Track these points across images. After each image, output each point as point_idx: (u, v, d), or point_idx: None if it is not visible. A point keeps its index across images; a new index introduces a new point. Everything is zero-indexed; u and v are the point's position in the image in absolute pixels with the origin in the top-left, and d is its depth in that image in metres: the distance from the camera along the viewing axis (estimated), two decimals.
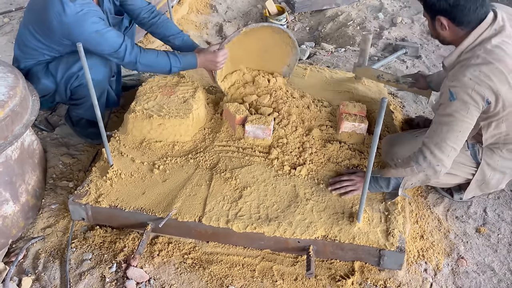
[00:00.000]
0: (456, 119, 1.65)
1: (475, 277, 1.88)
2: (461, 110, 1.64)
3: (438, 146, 1.69)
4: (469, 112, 1.64)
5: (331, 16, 4.30)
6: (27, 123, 1.88)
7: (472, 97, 1.63)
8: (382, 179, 1.91)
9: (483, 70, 1.62)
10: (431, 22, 1.75)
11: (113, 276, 1.78)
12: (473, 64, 1.63)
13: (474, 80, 1.62)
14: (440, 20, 1.69)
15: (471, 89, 1.62)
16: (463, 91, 1.63)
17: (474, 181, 1.96)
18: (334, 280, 1.80)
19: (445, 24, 1.69)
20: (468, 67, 1.64)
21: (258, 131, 2.17)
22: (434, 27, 1.76)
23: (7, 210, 1.86)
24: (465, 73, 1.63)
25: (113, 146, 2.17)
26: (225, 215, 1.86)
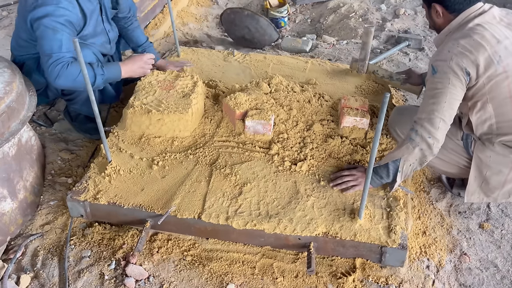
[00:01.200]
0: (440, 90, 1.71)
1: (478, 273, 1.86)
2: (443, 80, 1.70)
3: (427, 119, 1.74)
4: (450, 82, 1.69)
5: (333, 8, 4.25)
6: (24, 119, 1.86)
7: (451, 68, 1.69)
8: (381, 168, 1.87)
9: (461, 43, 1.69)
10: (428, 11, 1.85)
11: (112, 273, 1.77)
12: (453, 39, 1.73)
13: (452, 51, 1.69)
14: (436, 8, 1.79)
15: (449, 60, 1.69)
16: (442, 63, 1.71)
17: (472, 179, 1.90)
18: (335, 277, 1.78)
19: (439, 11, 1.79)
20: (448, 41, 1.74)
21: (258, 126, 2.14)
22: (430, 15, 1.85)
23: (5, 207, 1.85)
24: (444, 47, 1.73)
25: (112, 142, 2.15)
26: (225, 211, 1.84)
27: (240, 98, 2.23)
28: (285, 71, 2.80)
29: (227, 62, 2.91)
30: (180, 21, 3.94)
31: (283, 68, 2.83)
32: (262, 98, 2.27)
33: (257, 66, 2.86)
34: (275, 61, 2.92)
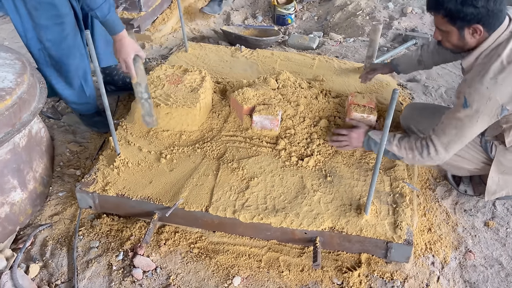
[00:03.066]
0: (465, 125, 1.70)
1: (482, 270, 1.87)
2: (472, 118, 1.67)
3: (444, 146, 1.78)
4: (479, 121, 1.67)
5: (340, 5, 4.25)
6: (34, 110, 1.88)
7: (487, 106, 1.63)
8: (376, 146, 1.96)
9: (500, 77, 1.60)
10: (458, 33, 1.68)
11: (120, 264, 1.79)
12: (491, 72, 1.62)
13: (491, 88, 1.60)
14: (476, 28, 1.64)
15: (486, 99, 1.62)
16: (477, 100, 1.63)
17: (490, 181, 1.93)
18: (341, 271, 1.79)
19: (480, 30, 1.64)
20: (485, 75, 1.62)
21: (266, 122, 2.16)
22: (461, 37, 1.69)
23: (15, 197, 1.87)
24: (482, 81, 1.62)
25: (120, 135, 2.17)
26: (232, 205, 1.85)
27: (248, 94, 2.24)
28: (292, 67, 2.81)
29: (234, 58, 2.92)
30: (187, 16, 3.95)
31: (291, 65, 2.84)
32: (269, 94, 2.28)
33: (264, 62, 2.88)
34: (282, 57, 2.93)
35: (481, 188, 2.14)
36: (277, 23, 4.09)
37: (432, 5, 1.69)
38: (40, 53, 2.17)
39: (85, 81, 2.34)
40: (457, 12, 1.61)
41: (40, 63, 2.21)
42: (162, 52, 3.44)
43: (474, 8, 1.58)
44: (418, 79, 3.06)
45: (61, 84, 2.30)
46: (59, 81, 2.29)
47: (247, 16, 4.23)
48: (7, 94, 1.74)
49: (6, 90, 1.75)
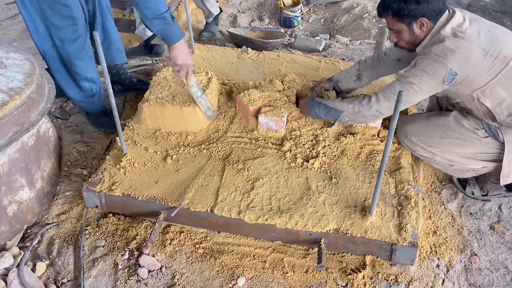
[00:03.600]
0: (409, 81, 1.87)
1: (488, 274, 1.86)
2: (417, 76, 1.85)
3: (386, 96, 1.94)
4: (422, 80, 1.84)
5: (346, 8, 4.25)
6: (43, 110, 1.90)
7: (434, 68, 1.81)
8: (323, 107, 2.08)
9: (447, 45, 1.80)
10: (408, 29, 1.90)
11: (125, 263, 1.80)
12: (437, 42, 1.83)
13: (439, 53, 1.80)
14: (422, 21, 1.85)
15: (434, 61, 1.81)
16: (425, 62, 1.83)
17: (506, 163, 1.96)
18: (345, 273, 1.79)
19: (426, 22, 1.86)
20: (433, 45, 1.84)
21: (271, 123, 2.16)
22: (412, 31, 1.90)
23: (22, 196, 1.89)
24: (431, 49, 1.83)
25: (127, 135, 2.19)
26: (237, 206, 1.86)
27: (254, 95, 2.25)
28: (298, 69, 2.82)
29: (240, 60, 2.93)
30: (194, 18, 3.98)
31: (296, 67, 2.85)
32: (275, 96, 2.29)
33: (270, 64, 2.89)
34: (288, 59, 2.94)
35: (489, 185, 2.14)
36: (284, 26, 4.10)
37: (381, 9, 1.92)
38: (50, 51, 2.21)
39: (92, 81, 2.37)
40: (402, 10, 1.83)
41: (49, 61, 2.25)
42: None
43: (415, 3, 1.81)
44: None
45: (69, 83, 2.34)
46: (67, 80, 2.32)
47: (253, 18, 4.25)
48: (16, 94, 1.76)
49: (16, 90, 1.78)
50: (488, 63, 1.79)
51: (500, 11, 4.29)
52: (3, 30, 3.70)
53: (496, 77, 1.81)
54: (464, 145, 2.00)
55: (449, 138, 2.02)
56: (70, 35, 2.16)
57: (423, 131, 2.05)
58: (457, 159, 2.04)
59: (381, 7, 1.91)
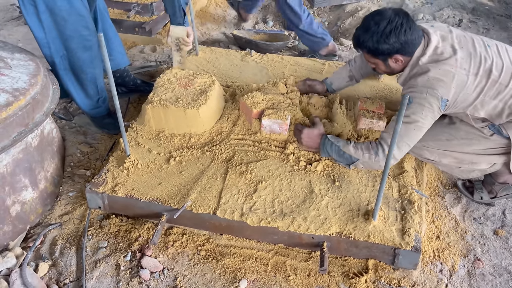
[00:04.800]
0: (412, 120, 1.85)
1: (491, 279, 1.85)
2: (417, 112, 1.84)
3: (398, 146, 1.88)
4: (423, 114, 1.84)
5: (350, 11, 4.25)
6: (47, 111, 1.91)
7: (427, 100, 1.82)
8: (336, 149, 2.01)
9: (431, 75, 1.82)
10: (383, 63, 1.96)
11: (127, 264, 1.80)
12: (420, 73, 1.86)
13: (426, 85, 1.82)
14: (396, 58, 1.90)
15: (425, 93, 1.82)
16: (418, 95, 1.84)
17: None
18: (348, 277, 1.79)
19: (400, 59, 1.90)
20: (418, 77, 1.86)
21: (275, 126, 2.16)
22: (387, 65, 1.96)
23: (26, 196, 1.90)
24: (417, 82, 1.86)
25: (130, 136, 2.19)
26: (240, 208, 1.86)
27: (257, 97, 2.26)
28: (302, 72, 2.82)
29: (244, 62, 2.94)
30: (198, 20, 3.98)
31: (300, 69, 2.85)
32: (278, 98, 2.29)
33: (274, 67, 2.89)
34: (292, 62, 2.94)
35: (497, 187, 2.13)
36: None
37: (355, 44, 1.97)
38: (60, 60, 2.23)
39: (100, 88, 2.39)
40: (375, 49, 1.88)
41: (59, 70, 2.26)
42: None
43: (388, 44, 1.85)
44: None
45: (78, 90, 2.36)
46: (76, 87, 2.34)
47: (257, 20, 4.25)
48: (21, 94, 1.77)
49: (20, 91, 1.79)
50: (472, 82, 1.83)
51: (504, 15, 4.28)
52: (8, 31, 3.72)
53: (483, 91, 1.84)
54: (471, 143, 2.00)
55: (456, 139, 2.02)
56: (82, 44, 2.19)
57: (428, 136, 2.04)
58: (466, 158, 2.03)
59: (355, 42, 1.96)
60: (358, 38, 1.92)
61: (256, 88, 2.44)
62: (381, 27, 1.83)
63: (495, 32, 3.96)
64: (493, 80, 1.83)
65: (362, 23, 1.92)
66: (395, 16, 1.83)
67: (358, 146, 1.97)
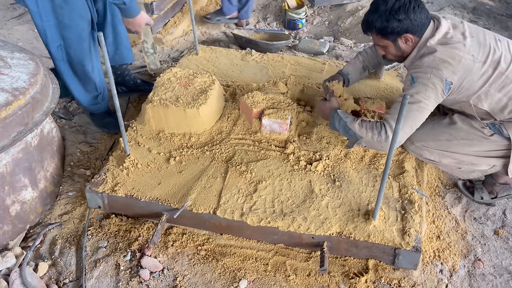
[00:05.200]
0: (415, 100, 1.84)
1: (491, 279, 1.84)
2: (420, 91, 1.84)
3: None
4: (427, 94, 1.83)
5: (351, 10, 4.24)
6: (47, 110, 1.90)
7: (431, 80, 1.81)
8: (343, 124, 2.01)
9: (437, 56, 1.82)
10: (393, 45, 1.93)
11: (127, 264, 1.80)
12: (427, 54, 1.85)
13: (431, 65, 1.82)
14: (406, 37, 1.88)
15: (429, 73, 1.82)
16: (422, 75, 1.84)
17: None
18: (348, 277, 1.78)
19: (410, 37, 1.89)
20: (423, 57, 1.86)
21: (275, 125, 2.16)
22: (397, 47, 1.94)
23: (25, 195, 1.89)
24: (422, 62, 1.85)
25: (130, 136, 2.19)
26: (240, 208, 1.86)
27: (257, 97, 2.25)
28: (302, 71, 2.81)
29: (244, 62, 2.93)
30: (199, 20, 3.97)
31: (300, 69, 2.85)
32: (279, 98, 2.29)
33: (274, 66, 2.88)
34: (292, 61, 2.94)
35: (497, 187, 2.13)
36: (288, 28, 4.10)
37: (365, 27, 1.96)
38: (58, 50, 2.23)
39: (99, 82, 2.38)
40: (385, 28, 1.86)
41: (56, 60, 2.27)
42: (173, 54, 3.46)
43: (397, 21, 1.83)
44: None
45: (75, 82, 2.35)
46: (74, 80, 2.34)
47: (258, 20, 4.24)
48: (21, 93, 1.77)
49: (20, 90, 1.78)
50: (478, 69, 1.82)
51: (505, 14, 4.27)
52: (8, 30, 3.72)
53: (489, 81, 1.83)
54: (472, 144, 2.00)
55: (456, 139, 2.02)
56: (79, 34, 2.18)
57: (428, 136, 2.05)
58: (466, 159, 2.03)
59: (365, 25, 1.95)
60: (367, 20, 1.91)
61: (256, 87, 2.43)
62: (390, 4, 1.83)
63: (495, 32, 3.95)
64: (500, 72, 1.82)
65: (370, 6, 1.91)
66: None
67: (363, 124, 1.97)
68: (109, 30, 2.50)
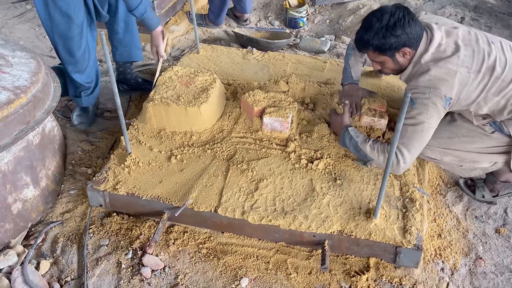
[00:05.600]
0: (419, 121, 1.83)
1: (493, 278, 1.84)
2: (422, 112, 1.82)
3: (405, 145, 1.85)
4: (429, 114, 1.82)
5: (352, 9, 4.24)
6: (48, 109, 1.91)
7: (431, 100, 1.81)
8: (354, 144, 1.99)
9: (432, 74, 1.81)
10: (391, 60, 1.91)
11: (129, 262, 1.80)
12: (422, 73, 1.84)
13: (428, 84, 1.81)
14: (404, 51, 1.87)
15: (428, 93, 1.81)
16: (421, 95, 1.83)
17: None
18: (349, 275, 1.78)
19: (408, 51, 1.87)
20: (419, 76, 1.85)
21: (276, 124, 2.16)
22: (395, 61, 1.92)
23: (27, 194, 1.90)
24: (419, 82, 1.84)
25: (132, 134, 2.19)
26: (241, 206, 1.86)
27: (259, 96, 2.25)
28: (303, 70, 2.81)
29: (246, 60, 2.93)
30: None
31: (302, 67, 2.85)
32: (280, 96, 2.29)
33: (275, 65, 2.88)
34: (293, 60, 2.93)
35: (499, 185, 2.13)
36: (289, 26, 4.09)
37: (360, 46, 1.93)
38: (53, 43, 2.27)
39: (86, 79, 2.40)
40: (382, 45, 1.84)
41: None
42: (174, 53, 3.46)
43: (395, 37, 1.82)
44: None
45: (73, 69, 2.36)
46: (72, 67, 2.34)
47: (260, 18, 4.24)
48: (22, 92, 1.77)
49: (21, 89, 1.78)
50: (474, 80, 1.82)
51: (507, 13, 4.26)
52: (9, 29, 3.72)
53: (485, 88, 1.83)
54: (473, 141, 1.99)
55: (457, 137, 2.02)
56: (66, 33, 2.19)
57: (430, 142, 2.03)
58: (468, 156, 2.03)
59: (360, 44, 1.92)
60: (362, 38, 1.89)
61: (257, 86, 2.44)
62: (384, 21, 1.81)
63: (497, 30, 3.94)
64: (496, 77, 1.82)
65: (362, 24, 1.89)
66: (396, 9, 1.82)
67: (375, 146, 1.94)
68: (120, 25, 2.52)
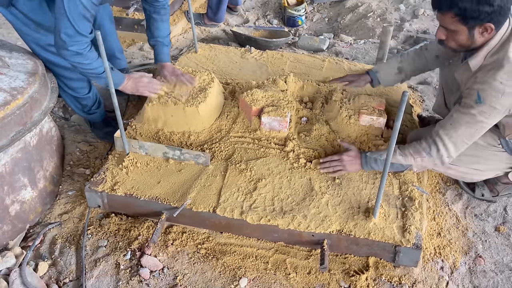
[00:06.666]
0: (477, 120, 1.70)
1: (492, 276, 1.84)
2: (486, 113, 1.67)
3: (453, 141, 1.75)
4: (491, 116, 1.68)
5: (350, 7, 4.23)
6: (45, 110, 1.90)
7: (500, 102, 1.64)
8: (381, 163, 1.89)
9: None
10: (468, 32, 1.65)
11: (127, 263, 1.80)
12: (505, 67, 1.62)
13: (505, 83, 1.61)
14: (486, 26, 1.62)
15: (501, 94, 1.62)
16: (492, 95, 1.64)
17: None
18: (348, 275, 1.78)
19: (491, 28, 1.62)
20: (498, 70, 1.63)
21: (274, 123, 2.15)
22: (471, 36, 1.66)
23: (25, 195, 1.89)
24: (495, 76, 1.63)
25: (130, 135, 2.18)
26: (240, 206, 1.85)
27: (257, 95, 2.24)
28: (302, 69, 2.80)
29: (244, 59, 2.92)
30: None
31: (300, 66, 2.84)
32: (278, 95, 2.28)
33: (274, 64, 2.87)
34: (292, 58, 2.93)
35: (499, 187, 2.12)
36: (288, 25, 4.08)
37: (442, 3, 1.64)
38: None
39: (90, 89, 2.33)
40: (472, 11, 1.57)
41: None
42: (172, 52, 3.45)
43: (489, 6, 1.56)
44: (429, 82, 3.03)
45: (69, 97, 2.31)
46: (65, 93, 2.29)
47: (258, 17, 4.23)
48: (19, 93, 1.76)
49: (18, 90, 1.78)
50: None
51: None
52: (7, 29, 3.71)
53: None
54: (478, 162, 1.97)
55: (464, 155, 1.88)
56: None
57: None
58: (471, 172, 2.01)
59: (447, 1, 1.61)
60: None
61: (255, 85, 2.42)
62: None
63: None
64: None
65: None
66: None
67: (405, 151, 1.84)
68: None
